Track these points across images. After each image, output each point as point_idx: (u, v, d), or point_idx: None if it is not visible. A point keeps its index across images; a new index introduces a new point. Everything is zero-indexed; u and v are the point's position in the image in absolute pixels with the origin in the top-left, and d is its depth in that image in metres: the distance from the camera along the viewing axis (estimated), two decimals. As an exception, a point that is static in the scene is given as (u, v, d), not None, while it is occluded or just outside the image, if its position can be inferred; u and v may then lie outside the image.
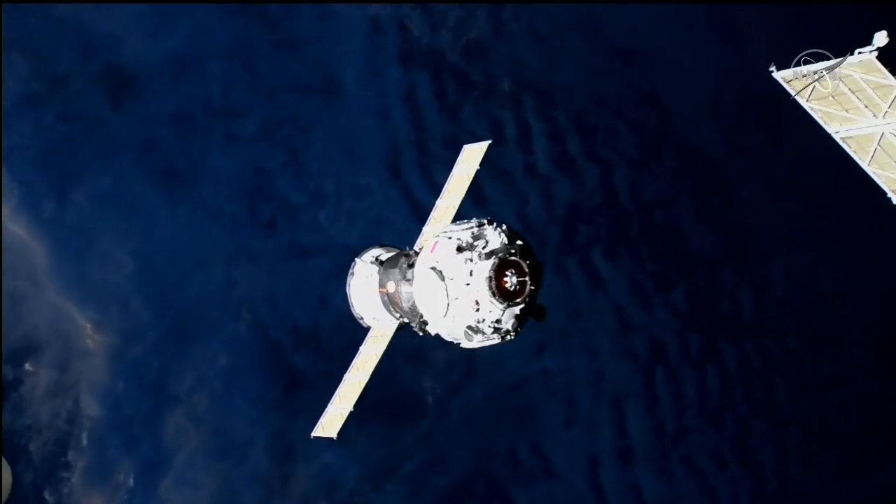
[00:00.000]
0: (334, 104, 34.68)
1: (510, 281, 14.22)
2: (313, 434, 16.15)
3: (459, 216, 16.16)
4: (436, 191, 35.37)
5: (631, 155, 37.37)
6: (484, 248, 14.47)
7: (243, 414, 32.86)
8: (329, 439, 15.88)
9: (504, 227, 14.79)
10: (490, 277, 14.13)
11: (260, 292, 33.25)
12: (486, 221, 14.93)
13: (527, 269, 14.33)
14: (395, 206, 34.79)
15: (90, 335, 32.81)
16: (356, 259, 16.60)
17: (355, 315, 16.61)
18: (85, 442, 32.42)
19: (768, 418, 37.67)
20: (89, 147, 33.03)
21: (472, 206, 36.47)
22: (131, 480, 32.60)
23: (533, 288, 14.38)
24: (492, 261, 14.22)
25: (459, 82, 36.03)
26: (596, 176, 36.84)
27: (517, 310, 14.41)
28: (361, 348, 16.28)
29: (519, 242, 14.60)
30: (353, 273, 16.53)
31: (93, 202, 32.96)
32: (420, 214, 34.77)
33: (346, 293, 16.60)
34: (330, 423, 15.94)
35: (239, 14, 34.05)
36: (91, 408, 32.48)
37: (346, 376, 16.14)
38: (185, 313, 32.88)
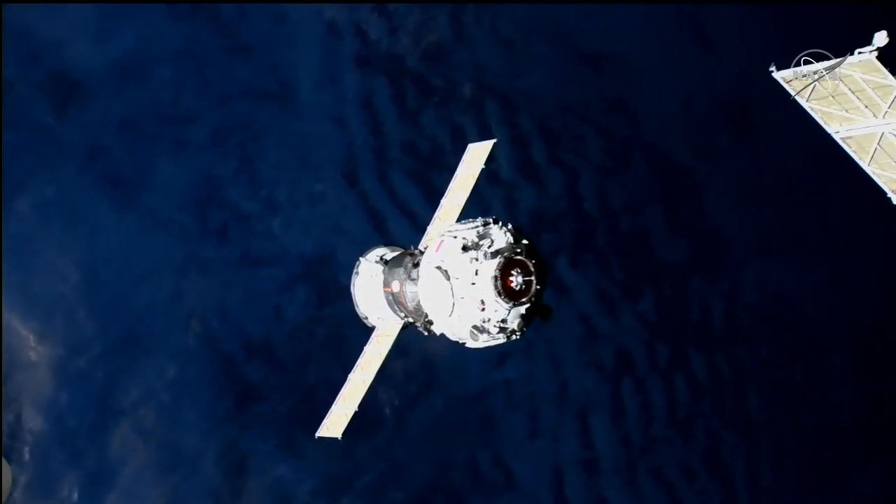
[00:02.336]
0: (289, 110, 34.13)
1: (516, 280, 14.25)
2: (318, 434, 16.05)
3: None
4: (394, 198, 35.37)
5: (597, 161, 36.87)
6: (489, 247, 14.45)
7: (193, 426, 32.28)
8: (333, 439, 15.82)
9: (510, 226, 14.78)
10: (496, 277, 14.15)
11: (210, 303, 32.69)
12: (491, 220, 14.87)
13: (532, 269, 14.34)
14: (351, 215, 34.26)
15: (33, 347, 32.27)
16: (361, 258, 16.68)
17: (359, 314, 16.61)
18: (27, 456, 31.87)
19: (739, 429, 37.24)
20: (33, 155, 32.51)
21: (433, 213, 36.07)
22: (76, 495, 32.01)
23: (539, 287, 14.41)
24: (497, 260, 14.23)
25: (419, 87, 35.49)
26: (561, 182, 36.32)
27: (523, 309, 14.41)
28: (366, 348, 16.27)
29: (525, 242, 14.64)
30: (357, 272, 16.59)
31: (36, 211, 32.41)
32: (378, 222, 34.48)
33: (350, 292, 16.62)
34: (334, 424, 15.89)
35: (189, 18, 33.52)
36: (34, 421, 31.91)
37: (351, 376, 16.06)
38: (132, 324, 32.32)
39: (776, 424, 37.40)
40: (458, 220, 16.06)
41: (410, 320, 15.95)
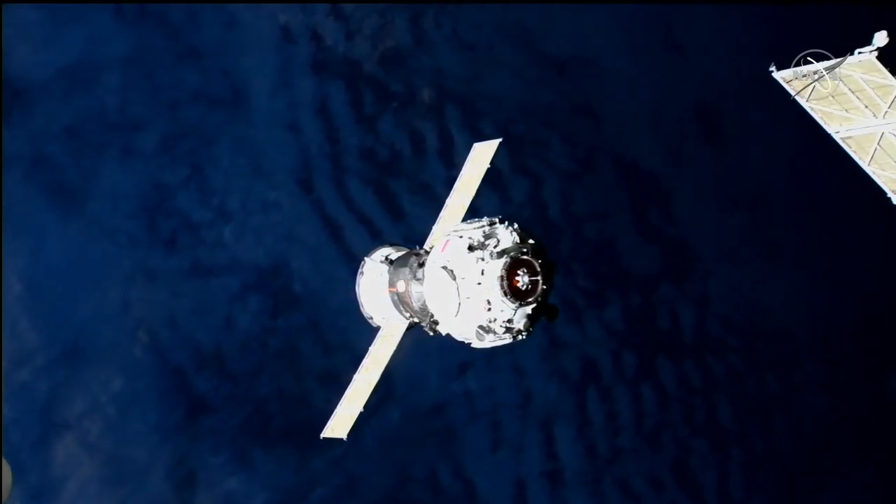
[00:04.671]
0: (241, 116, 33.55)
1: (522, 280, 14.22)
2: (322, 435, 15.96)
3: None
4: (350, 206, 34.77)
5: (562, 167, 36.34)
6: (495, 246, 14.45)
7: (140, 439, 31.68)
8: (339, 440, 15.73)
9: (515, 225, 14.75)
10: (502, 277, 14.13)
11: (159, 313, 32.08)
12: (497, 220, 14.86)
13: (539, 269, 14.30)
14: (306, 223, 33.71)
15: (-27, 359, 31.74)
16: (366, 258, 16.60)
17: (364, 315, 16.53)
18: (-34, 471, 31.29)
19: (709, 439, 36.69)
20: (-25, 163, 31.98)
21: (392, 222, 35.62)
22: (18, 510, 31.51)
23: (545, 287, 14.37)
24: (503, 260, 14.20)
25: (377, 92, 34.91)
26: (524, 189, 35.76)
27: (529, 309, 14.40)
28: (371, 348, 16.14)
29: (531, 241, 14.60)
30: (362, 272, 16.53)
31: (-22, 220, 31.89)
32: (334, 231, 33.89)
33: (355, 292, 16.55)
34: (339, 425, 15.81)
35: (137, 23, 32.95)
36: (-26, 435, 31.35)
37: (356, 377, 15.96)
38: (77, 335, 31.70)
39: (747, 434, 36.91)
40: (464, 220, 15.90)
41: (416, 320, 15.93)
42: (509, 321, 14.34)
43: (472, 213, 36.76)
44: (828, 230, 37.21)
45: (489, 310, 14.26)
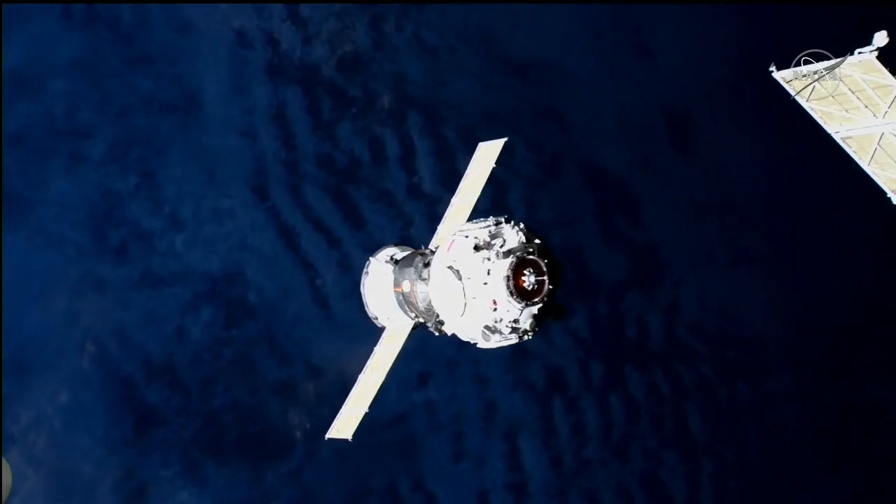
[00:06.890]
0: (193, 123, 32.90)
1: (528, 280, 14.21)
2: (328, 436, 15.96)
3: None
4: (307, 214, 34.12)
5: (527, 173, 35.81)
6: (501, 246, 14.45)
7: (87, 453, 31.03)
8: (344, 441, 15.78)
9: (521, 225, 14.76)
10: (508, 276, 14.13)
11: (108, 324, 31.45)
12: (503, 220, 14.92)
13: (545, 269, 14.28)
14: (261, 231, 33.09)
15: (-86, 371, 31.09)
16: (371, 258, 16.64)
17: (369, 315, 16.62)
18: None
19: (679, 449, 36.23)
20: (-83, 172, 31.34)
21: (350, 229, 34.96)
22: (-40, 527, 30.78)
23: (551, 287, 14.37)
24: (509, 260, 14.21)
25: (335, 98, 34.34)
26: (487, 196, 34.98)
27: (535, 309, 14.35)
28: (376, 349, 16.22)
29: (537, 241, 14.63)
30: (367, 272, 16.59)
31: (-80, 230, 31.25)
32: (290, 239, 33.28)
33: (360, 292, 16.65)
34: (344, 425, 15.85)
35: (85, 27, 32.30)
36: (-86, 449, 30.71)
37: (361, 377, 16.01)
38: (22, 347, 31.05)
39: (718, 444, 36.49)
40: (469, 220, 15.96)
41: (421, 321, 15.94)
42: (515, 321, 14.27)
43: (432, 220, 36.23)
44: (811, 234, 36.83)
45: (495, 310, 14.20)
